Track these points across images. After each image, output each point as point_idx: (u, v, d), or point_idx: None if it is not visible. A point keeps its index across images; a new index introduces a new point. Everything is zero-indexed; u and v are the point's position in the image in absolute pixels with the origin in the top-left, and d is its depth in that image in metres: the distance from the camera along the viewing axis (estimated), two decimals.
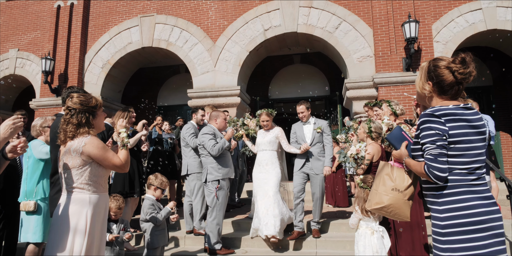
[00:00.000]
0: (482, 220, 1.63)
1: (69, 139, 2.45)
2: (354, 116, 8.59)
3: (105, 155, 2.42)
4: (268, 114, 5.14)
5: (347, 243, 4.66)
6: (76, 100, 2.48)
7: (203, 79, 9.35)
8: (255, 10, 9.23)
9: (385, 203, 2.04)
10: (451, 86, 1.82)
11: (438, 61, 1.85)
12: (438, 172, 1.71)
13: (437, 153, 1.72)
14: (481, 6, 8.10)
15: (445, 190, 1.72)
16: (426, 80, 1.87)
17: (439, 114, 1.75)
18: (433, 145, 1.73)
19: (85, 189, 2.42)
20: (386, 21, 8.31)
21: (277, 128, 5.18)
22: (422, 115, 1.80)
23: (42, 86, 10.25)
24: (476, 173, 1.72)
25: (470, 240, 1.62)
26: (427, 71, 1.87)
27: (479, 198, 1.67)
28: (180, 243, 5.11)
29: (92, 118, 2.52)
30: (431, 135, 1.74)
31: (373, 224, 3.21)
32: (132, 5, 10.21)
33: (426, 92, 1.87)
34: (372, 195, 2.16)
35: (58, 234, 2.31)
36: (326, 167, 4.86)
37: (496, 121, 9.41)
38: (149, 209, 3.41)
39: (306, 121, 5.07)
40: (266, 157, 5.01)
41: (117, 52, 10.07)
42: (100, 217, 2.49)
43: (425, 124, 1.77)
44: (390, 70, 8.10)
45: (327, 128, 5.05)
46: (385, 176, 2.09)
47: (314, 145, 4.95)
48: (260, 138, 5.17)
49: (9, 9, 11.56)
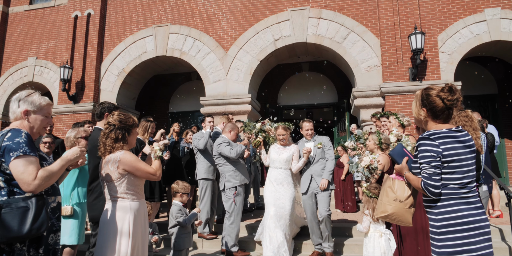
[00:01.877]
0: (471, 221, 1.95)
1: (107, 153, 2.77)
2: (361, 123, 8.86)
3: (138, 166, 2.72)
4: (285, 128, 4.89)
5: (356, 247, 4.92)
6: (116, 118, 2.81)
7: (215, 87, 9.68)
8: (265, 20, 9.57)
9: (388, 212, 2.36)
10: (442, 111, 2.11)
11: (429, 90, 2.15)
12: (433, 188, 2.02)
13: (432, 172, 2.02)
14: (486, 17, 8.36)
15: (440, 202, 2.04)
16: (420, 107, 2.17)
17: (434, 138, 2.04)
18: (429, 165, 2.02)
19: (125, 197, 2.74)
20: (393, 32, 8.59)
21: (294, 146, 4.91)
22: (420, 138, 2.11)
23: (60, 93, 10.65)
24: (467, 187, 2.02)
25: (460, 238, 1.95)
26: (421, 99, 2.17)
27: (470, 208, 1.98)
28: (198, 246, 5.42)
29: (127, 135, 2.84)
30: (427, 157, 2.04)
31: (381, 227, 3.54)
32: (147, 16, 10.61)
33: (421, 117, 2.17)
34: (378, 205, 2.48)
35: (106, 237, 2.63)
36: (324, 179, 4.63)
37: (501, 128, 9.68)
38: (177, 214, 3.74)
39: (310, 139, 4.90)
40: (281, 176, 4.75)
41: (132, 61, 10.46)
42: (140, 221, 2.80)
43: (422, 147, 2.06)
44: (397, 80, 8.37)
45: (328, 143, 4.89)
46: (388, 188, 2.41)
47: (317, 162, 4.76)
48: (275, 155, 4.85)
49: (28, 19, 12.03)
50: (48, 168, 2.09)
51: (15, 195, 2.04)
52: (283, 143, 4.89)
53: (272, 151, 4.94)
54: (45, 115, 2.32)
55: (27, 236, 1.95)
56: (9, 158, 2.00)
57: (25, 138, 2.08)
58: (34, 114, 2.25)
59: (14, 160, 1.99)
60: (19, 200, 2.00)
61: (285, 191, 4.67)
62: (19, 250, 1.99)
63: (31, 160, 2.04)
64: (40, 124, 2.29)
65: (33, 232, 1.96)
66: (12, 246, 1.97)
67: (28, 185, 1.97)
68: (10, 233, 1.90)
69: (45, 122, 2.32)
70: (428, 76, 8.26)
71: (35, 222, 1.97)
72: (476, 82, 10.15)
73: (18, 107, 2.23)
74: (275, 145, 5.01)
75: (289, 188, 4.72)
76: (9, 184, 2.04)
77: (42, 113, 2.29)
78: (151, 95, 12.42)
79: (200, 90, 10.54)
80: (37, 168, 2.03)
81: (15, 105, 2.24)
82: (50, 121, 2.39)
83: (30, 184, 1.97)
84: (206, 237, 5.41)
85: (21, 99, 2.25)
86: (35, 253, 2.07)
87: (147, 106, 12.18)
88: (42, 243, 2.10)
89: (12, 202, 1.98)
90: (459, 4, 8.58)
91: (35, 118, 2.26)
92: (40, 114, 2.28)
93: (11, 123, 2.27)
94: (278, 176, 4.75)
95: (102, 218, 2.72)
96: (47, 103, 2.35)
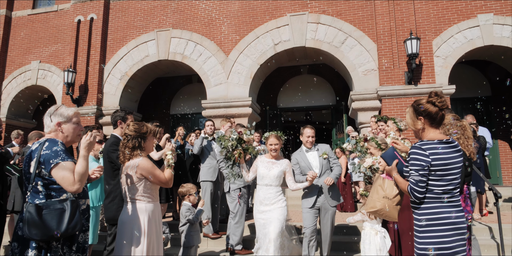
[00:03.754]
0: (450, 223, 2.21)
1: (127, 160, 3.05)
2: (359, 126, 9.13)
3: (153, 173, 2.97)
4: (278, 137, 4.25)
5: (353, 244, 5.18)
6: (131, 128, 3.09)
7: (216, 90, 9.93)
8: (265, 25, 9.82)
9: (377, 208, 2.64)
10: (437, 114, 2.34)
11: (419, 101, 2.40)
12: (417, 193, 2.26)
13: (418, 179, 2.25)
14: (479, 23, 8.64)
15: (423, 204, 2.29)
16: (416, 117, 2.39)
17: (425, 148, 2.26)
18: (417, 173, 2.26)
19: (141, 200, 2.99)
20: (389, 37, 8.86)
21: (285, 161, 4.26)
22: (413, 147, 2.33)
23: (63, 97, 10.86)
24: (451, 192, 2.27)
25: (438, 236, 2.21)
26: (414, 111, 2.41)
27: (450, 211, 2.23)
28: (203, 245, 5.66)
29: (143, 142, 3.09)
30: (416, 165, 2.26)
31: (376, 225, 3.85)
32: (149, 20, 10.84)
33: (419, 127, 2.40)
34: (368, 201, 2.76)
35: (124, 235, 2.89)
36: (329, 177, 4.19)
37: (495, 129, 9.98)
38: (186, 213, 4.02)
39: (311, 148, 4.42)
40: (272, 195, 4.12)
41: (134, 65, 10.68)
42: (155, 221, 3.05)
43: (413, 155, 2.29)
44: (393, 83, 8.65)
45: (332, 153, 4.51)
46: (378, 186, 2.69)
47: (324, 173, 4.31)
48: (265, 170, 4.17)
49: (31, 23, 12.23)
50: (76, 170, 2.32)
51: (52, 198, 2.28)
52: (274, 155, 4.23)
53: (260, 165, 4.23)
54: (75, 123, 2.56)
55: (63, 234, 2.19)
56: (49, 165, 2.24)
57: (61, 146, 2.33)
58: (65, 124, 2.49)
59: (55, 167, 2.24)
60: (56, 203, 2.24)
61: (276, 208, 4.07)
62: (55, 248, 2.24)
63: (69, 165, 2.29)
64: (73, 132, 2.53)
65: (69, 231, 2.20)
66: (49, 244, 2.21)
67: (71, 186, 2.23)
68: (50, 232, 2.14)
69: (77, 129, 2.56)
70: (423, 79, 8.53)
71: (71, 222, 2.21)
72: (470, 84, 10.45)
73: (51, 121, 2.47)
74: (262, 158, 4.30)
75: (281, 204, 4.11)
76: (47, 188, 2.29)
77: (72, 122, 2.54)
78: (153, 97, 12.65)
79: (201, 92, 10.78)
80: (73, 173, 2.28)
81: (48, 120, 2.48)
82: (81, 128, 2.63)
83: (73, 185, 2.23)
84: (210, 237, 5.66)
85: (51, 114, 2.50)
86: (68, 250, 2.30)
87: (148, 108, 12.42)
88: (74, 241, 2.34)
89: (50, 204, 2.23)
90: (453, 9, 8.86)
91: (67, 128, 2.50)
92: (70, 123, 2.52)
93: (46, 135, 2.51)
94: (268, 195, 4.12)
95: (120, 218, 2.98)
96: (74, 112, 2.59)
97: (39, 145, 2.32)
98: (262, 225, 4.06)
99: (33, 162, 2.30)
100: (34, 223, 2.12)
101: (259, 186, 4.22)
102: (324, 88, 11.80)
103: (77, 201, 2.32)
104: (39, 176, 2.29)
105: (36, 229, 2.13)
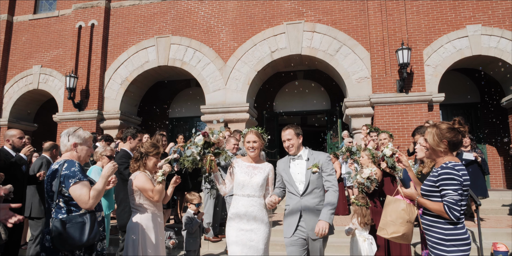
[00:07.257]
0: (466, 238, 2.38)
1: (132, 172, 3.40)
2: (352, 131, 9.47)
3: (143, 187, 3.27)
4: (258, 134, 3.33)
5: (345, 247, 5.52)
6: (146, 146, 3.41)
7: (214, 96, 10.23)
8: (263, 33, 10.13)
9: (401, 233, 2.70)
10: (460, 141, 2.52)
11: (443, 124, 2.52)
12: (457, 213, 2.31)
13: (458, 199, 2.31)
14: (468, 33, 9.00)
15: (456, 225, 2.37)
16: (440, 140, 2.47)
17: (458, 169, 2.35)
18: (455, 192, 2.30)
19: (139, 210, 3.33)
20: (382, 46, 9.20)
21: (268, 165, 3.38)
22: (445, 167, 2.39)
23: (65, 101, 11.11)
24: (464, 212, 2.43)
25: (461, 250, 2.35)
26: (438, 134, 2.49)
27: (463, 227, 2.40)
28: (204, 247, 5.96)
29: (145, 159, 3.41)
30: (454, 184, 2.32)
31: (364, 233, 4.18)
32: (149, 27, 11.11)
33: (441, 149, 2.48)
34: (388, 225, 2.75)
35: (131, 241, 3.22)
36: (322, 222, 2.97)
37: (483, 134, 10.35)
38: (185, 221, 4.34)
39: (296, 155, 3.29)
40: (256, 208, 3.19)
41: (135, 70, 10.96)
42: (159, 228, 3.37)
43: (448, 175, 2.34)
44: (385, 91, 8.99)
45: (328, 164, 3.23)
46: (402, 211, 2.71)
47: (310, 192, 3.16)
48: (245, 177, 3.25)
49: (32, 28, 12.45)
50: (95, 187, 2.63)
51: (72, 212, 2.58)
52: (252, 156, 3.31)
53: (238, 171, 3.31)
54: (88, 146, 2.86)
55: (85, 244, 2.50)
56: (69, 184, 2.55)
57: (78, 167, 2.64)
58: (81, 146, 2.79)
59: (73, 186, 2.54)
60: (76, 217, 2.55)
61: (258, 226, 3.16)
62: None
63: (85, 184, 2.59)
64: (86, 153, 2.84)
65: (90, 241, 2.51)
66: (73, 253, 2.52)
67: (86, 204, 2.53)
68: (75, 242, 2.45)
69: (89, 151, 2.87)
70: (414, 88, 8.88)
71: (91, 233, 2.52)
72: (460, 91, 10.82)
73: (68, 141, 2.77)
74: (239, 162, 3.39)
75: (262, 220, 3.19)
76: (67, 204, 2.59)
77: (86, 144, 2.84)
78: (152, 101, 12.92)
79: (199, 96, 11.07)
80: (89, 190, 2.58)
81: (65, 140, 2.78)
82: (92, 151, 2.94)
83: (87, 203, 2.53)
84: (211, 240, 5.97)
85: (70, 134, 2.79)
86: None
87: (148, 112, 12.69)
88: (94, 249, 2.65)
89: (72, 218, 2.53)
90: (443, 20, 9.21)
91: (81, 149, 2.80)
92: (85, 145, 2.82)
93: (63, 154, 2.81)
94: (251, 209, 3.18)
95: (128, 226, 3.32)
96: (89, 136, 2.89)
97: (58, 166, 2.62)
98: (243, 242, 3.11)
99: (55, 181, 2.60)
100: (61, 236, 2.42)
101: (238, 197, 3.26)
102: (319, 93, 12.13)
103: (95, 214, 2.62)
104: (60, 194, 2.58)
105: (63, 241, 2.43)
